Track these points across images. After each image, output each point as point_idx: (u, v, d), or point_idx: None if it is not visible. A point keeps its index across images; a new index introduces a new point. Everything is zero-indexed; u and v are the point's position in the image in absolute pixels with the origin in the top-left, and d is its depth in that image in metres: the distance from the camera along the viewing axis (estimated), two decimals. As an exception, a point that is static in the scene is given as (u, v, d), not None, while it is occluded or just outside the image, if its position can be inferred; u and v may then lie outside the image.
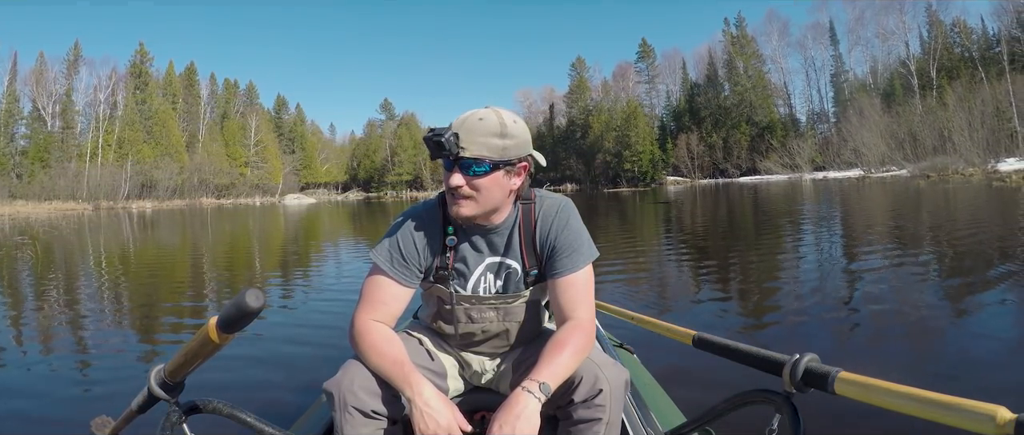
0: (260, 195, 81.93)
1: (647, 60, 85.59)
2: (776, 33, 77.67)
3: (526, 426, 1.26)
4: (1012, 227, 11.04)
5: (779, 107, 75.74)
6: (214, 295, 7.99)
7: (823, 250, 9.99)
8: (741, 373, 1.53)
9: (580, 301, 1.54)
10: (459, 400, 1.74)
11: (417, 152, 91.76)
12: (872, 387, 1.11)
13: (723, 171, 71.97)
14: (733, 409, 1.40)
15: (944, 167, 40.81)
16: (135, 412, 1.48)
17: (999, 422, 0.91)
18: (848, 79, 72.06)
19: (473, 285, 1.62)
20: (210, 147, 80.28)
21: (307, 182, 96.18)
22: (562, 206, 1.62)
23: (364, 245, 14.75)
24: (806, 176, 58.19)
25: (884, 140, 53.00)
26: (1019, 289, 5.92)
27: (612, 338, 2.74)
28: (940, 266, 7.48)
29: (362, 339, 1.48)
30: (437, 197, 1.64)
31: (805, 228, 14.19)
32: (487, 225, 1.58)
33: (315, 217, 33.04)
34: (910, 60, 64.64)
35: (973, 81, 52.91)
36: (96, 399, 3.79)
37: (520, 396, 1.30)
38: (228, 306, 1.12)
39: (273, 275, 10.27)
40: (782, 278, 7.59)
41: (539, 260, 1.60)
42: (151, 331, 5.95)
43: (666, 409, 1.97)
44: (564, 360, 1.39)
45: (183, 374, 1.31)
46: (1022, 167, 34.95)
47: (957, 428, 0.98)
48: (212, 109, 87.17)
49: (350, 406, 1.39)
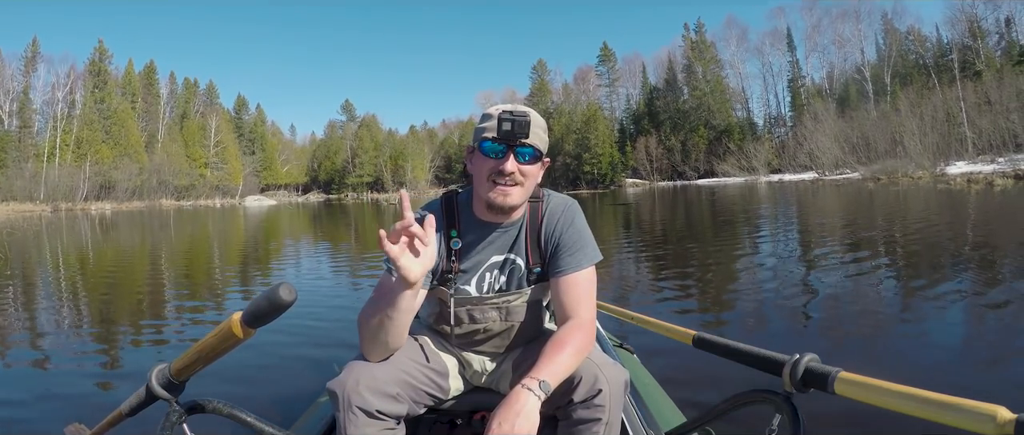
0: (220, 197, 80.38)
1: (608, 63, 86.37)
2: (735, 39, 79.00)
3: (525, 423, 1.25)
4: (959, 227, 11.51)
5: (737, 111, 77.01)
6: (211, 300, 7.74)
7: (778, 250, 10.27)
8: (741, 373, 1.54)
9: (581, 301, 1.54)
10: (459, 400, 1.73)
11: (378, 154, 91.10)
12: (872, 387, 1.11)
13: (681, 173, 73.01)
14: (733, 409, 1.40)
15: (894, 170, 41.96)
16: (125, 414, 1.45)
17: (999, 422, 0.91)
18: (805, 84, 73.53)
19: (476, 283, 1.62)
20: (169, 147, 78.39)
21: (268, 183, 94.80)
22: (568, 205, 1.64)
23: (356, 246, 14.72)
24: (762, 179, 59.30)
25: (838, 144, 54.35)
26: (969, 284, 6.21)
27: (612, 338, 2.74)
28: (891, 265, 7.75)
29: (363, 314, 1.47)
30: (440, 200, 1.65)
31: (761, 229, 14.56)
32: (500, 223, 1.60)
33: (281, 219, 32.53)
34: (865, 67, 66.25)
35: (926, 87, 54.65)
36: (68, 404, 3.70)
37: (520, 394, 1.29)
38: (258, 300, 1.12)
39: (271, 275, 10.15)
40: (738, 277, 7.84)
41: (543, 258, 1.61)
42: (135, 332, 5.85)
43: (666, 409, 1.97)
44: (564, 359, 1.38)
45: (192, 372, 1.30)
46: (968, 171, 36.18)
47: (957, 428, 0.98)
48: (172, 109, 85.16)
49: (354, 406, 1.38)
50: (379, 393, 1.41)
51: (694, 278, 7.89)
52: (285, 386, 3.84)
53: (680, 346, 1.93)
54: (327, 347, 4.62)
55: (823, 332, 5.02)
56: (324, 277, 9.52)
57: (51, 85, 72.32)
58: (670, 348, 3.59)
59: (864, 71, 65.96)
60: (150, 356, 4.92)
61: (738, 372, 1.55)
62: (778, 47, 76.75)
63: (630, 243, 12.82)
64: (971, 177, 30.18)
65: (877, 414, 1.25)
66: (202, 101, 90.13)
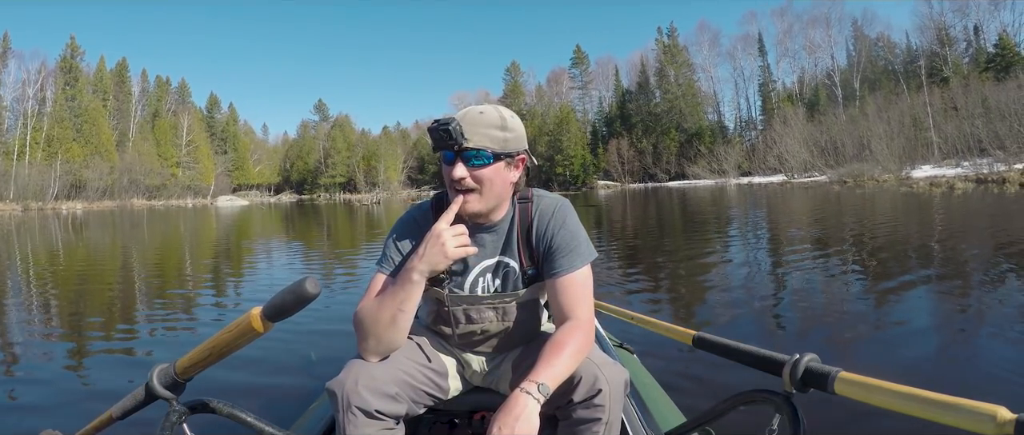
0: (192, 197, 79.10)
1: (581, 66, 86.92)
2: (707, 43, 79.96)
3: (525, 427, 1.23)
4: (922, 228, 11.78)
5: (709, 114, 77.97)
6: (204, 301, 7.54)
7: (749, 250, 10.41)
8: (741, 373, 1.54)
9: (579, 301, 1.53)
10: (459, 400, 1.72)
11: (351, 154, 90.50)
12: (872, 387, 1.11)
13: (652, 176, 73.70)
14: (733, 409, 1.40)
15: (860, 173, 42.83)
16: (116, 417, 1.43)
17: (999, 422, 0.92)
18: (775, 89, 74.73)
19: (470, 285, 1.61)
20: (141, 146, 77.00)
21: (239, 183, 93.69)
22: (560, 206, 1.62)
23: (353, 246, 14.68)
24: (732, 181, 60.03)
25: (806, 147, 55.34)
26: (928, 282, 6.43)
27: (612, 338, 2.73)
28: (857, 263, 7.87)
29: (360, 308, 1.48)
30: (431, 200, 1.65)
31: (730, 229, 14.78)
32: (486, 223, 1.58)
33: (256, 219, 32.04)
34: (835, 72, 67.40)
35: (894, 93, 55.86)
36: (38, 411, 3.59)
37: (519, 397, 1.28)
38: (283, 293, 1.15)
39: (268, 275, 10.06)
40: (708, 274, 8.02)
41: (536, 259, 1.60)
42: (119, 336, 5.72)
43: (666, 409, 1.97)
44: (563, 360, 1.37)
45: (200, 370, 1.31)
46: (932, 174, 37.06)
47: (957, 428, 0.98)
48: (143, 107, 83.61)
49: (354, 406, 1.38)
50: (378, 393, 1.40)
51: (664, 272, 8.09)
52: (285, 386, 3.81)
53: (680, 346, 1.95)
54: (331, 347, 4.61)
55: (794, 326, 5.14)
56: (322, 276, 9.38)
57: (21, 82, 70.57)
58: (670, 348, 3.64)
59: (834, 76, 67.13)
60: (126, 358, 4.83)
61: (738, 372, 1.55)
62: (749, 52, 78.01)
63: (599, 240, 12.88)
64: (934, 181, 30.86)
65: (877, 414, 1.25)
66: (174, 99, 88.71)
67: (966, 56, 60.27)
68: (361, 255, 12.37)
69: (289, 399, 3.47)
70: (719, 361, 1.61)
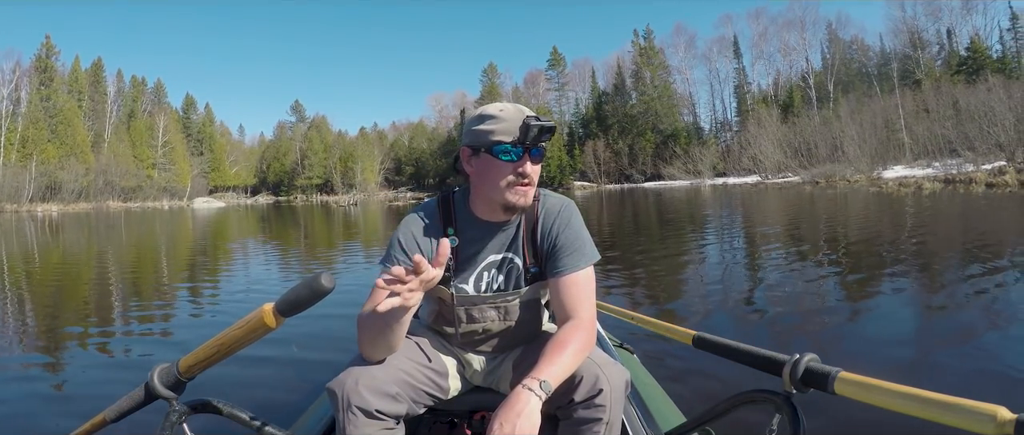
0: (168, 198, 77.90)
1: (558, 68, 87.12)
2: (683, 45, 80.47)
3: (527, 424, 1.23)
4: (892, 226, 12.05)
5: (684, 116, 78.35)
6: (197, 304, 7.45)
7: (724, 248, 10.58)
8: (741, 373, 1.55)
9: (581, 301, 1.53)
10: (460, 400, 1.72)
11: (327, 155, 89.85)
12: (872, 387, 1.11)
13: (628, 176, 74.07)
14: (733, 409, 1.40)
15: (832, 174, 43.51)
16: (111, 419, 1.42)
17: (999, 422, 0.92)
18: (750, 91, 75.47)
19: (474, 283, 1.62)
20: (116, 148, 75.78)
21: (216, 185, 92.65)
22: (565, 205, 1.63)
23: (349, 246, 14.65)
24: (706, 182, 60.41)
25: (781, 149, 56.04)
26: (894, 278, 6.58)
27: (612, 338, 2.73)
28: (823, 259, 8.01)
29: (362, 314, 1.46)
30: (436, 199, 1.66)
31: (706, 229, 14.97)
32: (499, 221, 1.60)
33: (236, 221, 31.59)
34: (809, 74, 68.15)
35: (867, 95, 56.74)
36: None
37: (521, 394, 1.28)
38: (297, 288, 1.16)
39: (267, 275, 9.98)
40: (682, 271, 8.20)
41: (539, 258, 1.61)
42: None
43: (666, 409, 1.97)
44: (565, 359, 1.37)
45: (205, 368, 1.31)
46: (902, 175, 37.75)
47: (957, 428, 0.98)
48: (119, 107, 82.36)
49: (354, 406, 1.37)
50: (378, 393, 1.40)
51: (641, 269, 8.19)
52: (285, 386, 3.79)
53: (680, 346, 1.95)
54: (331, 347, 4.60)
55: (769, 322, 5.25)
56: (346, 277, 9.31)
57: (-5, 81, 69.01)
58: (670, 348, 3.68)
59: (808, 79, 67.89)
60: (107, 359, 4.77)
61: (738, 372, 1.56)
62: (725, 54, 78.65)
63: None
64: (903, 181, 31.39)
65: (877, 414, 1.25)
66: (150, 100, 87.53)
67: (939, 59, 61.29)
68: (354, 255, 12.39)
69: (289, 399, 3.46)
70: (719, 361, 1.61)
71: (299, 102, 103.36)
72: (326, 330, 5.06)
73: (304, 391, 3.49)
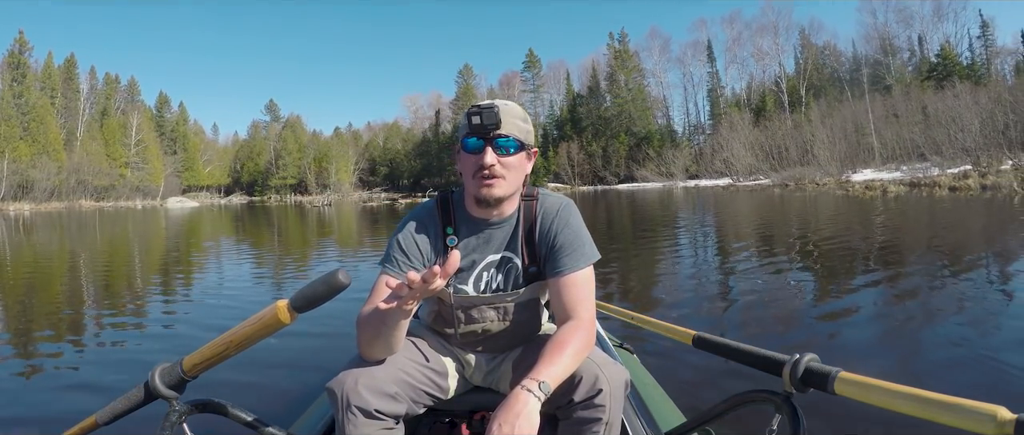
0: (141, 198, 76.29)
1: (533, 70, 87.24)
2: (657, 49, 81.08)
3: (526, 425, 1.22)
4: (866, 229, 12.33)
5: (658, 118, 78.89)
6: (189, 307, 7.23)
7: (697, 248, 10.65)
8: (741, 373, 1.58)
9: (581, 301, 1.53)
10: (459, 400, 1.72)
11: (302, 155, 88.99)
12: (872, 387, 1.12)
13: (602, 179, 74.37)
14: (733, 409, 1.41)
15: (802, 177, 44.21)
16: (102, 422, 1.40)
17: (999, 422, 0.91)
18: (723, 95, 76.23)
19: (473, 283, 1.61)
20: (89, 146, 73.92)
21: (189, 184, 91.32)
22: (564, 205, 1.63)
23: (345, 246, 14.66)
24: (678, 184, 60.91)
25: (752, 152, 56.76)
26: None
27: (612, 338, 2.71)
28: (783, 258, 8.20)
29: (362, 315, 1.46)
30: (435, 198, 1.65)
31: (678, 229, 15.09)
32: (492, 219, 1.59)
33: (212, 221, 30.98)
34: (782, 79, 68.92)
35: (838, 100, 57.52)
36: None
37: (520, 395, 1.26)
38: (314, 284, 1.17)
39: (266, 276, 9.87)
40: (656, 270, 8.34)
41: (538, 257, 1.61)
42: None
43: (666, 409, 1.96)
44: (564, 359, 1.36)
45: (211, 366, 1.30)
46: (868, 178, 38.47)
47: (957, 428, 0.99)
48: (92, 105, 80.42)
49: (353, 405, 1.37)
50: (378, 393, 1.39)
51: (614, 267, 8.27)
52: (285, 386, 3.77)
53: (680, 346, 1.94)
54: (331, 347, 4.58)
55: (739, 318, 5.33)
56: (314, 277, 9.20)
57: (-34, 77, 67.05)
58: (670, 348, 3.65)
59: (781, 83, 68.62)
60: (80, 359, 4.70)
61: (738, 372, 1.59)
62: (699, 58, 79.29)
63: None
64: (869, 184, 31.98)
65: (877, 414, 1.25)
66: (123, 98, 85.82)
67: (910, 65, 62.30)
68: (327, 255, 12.35)
69: (289, 399, 3.45)
70: (719, 361, 1.64)
71: (274, 101, 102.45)
72: (326, 330, 5.03)
73: (304, 391, 3.47)
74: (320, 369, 3.76)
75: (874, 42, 63.00)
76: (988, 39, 60.36)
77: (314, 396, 2.19)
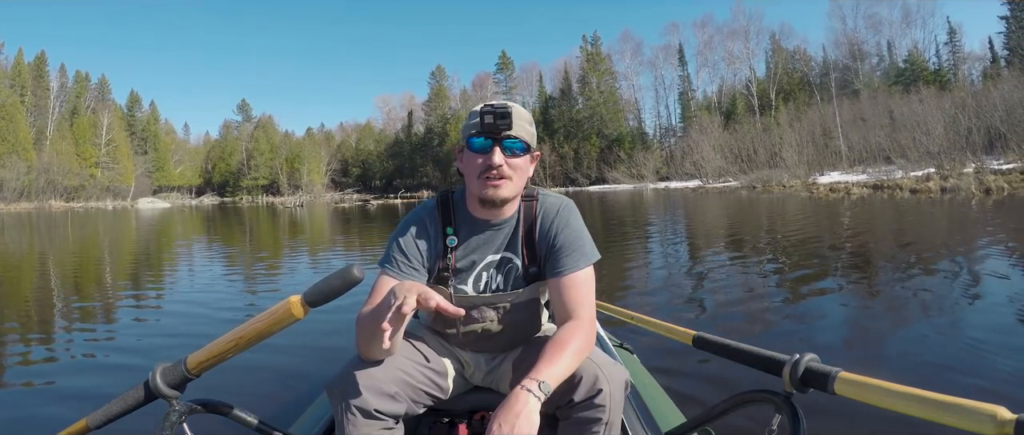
0: (111, 198, 74.49)
1: (506, 71, 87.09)
2: (629, 52, 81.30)
3: (526, 425, 1.22)
4: (833, 228, 12.62)
5: (629, 121, 79.20)
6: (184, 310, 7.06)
7: (667, 247, 10.77)
8: (741, 373, 1.56)
9: (581, 301, 1.53)
10: (459, 400, 1.72)
11: (274, 156, 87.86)
12: (872, 387, 1.12)
13: (573, 180, 74.52)
14: (733, 409, 1.41)
15: (769, 179, 44.76)
16: (94, 425, 1.38)
17: (999, 422, 0.92)
18: (694, 97, 76.72)
19: (473, 283, 1.61)
20: (59, 145, 72.20)
21: (160, 185, 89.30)
22: (563, 205, 1.63)
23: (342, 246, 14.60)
24: (649, 186, 61.15)
25: (722, 154, 57.38)
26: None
27: (612, 338, 2.71)
28: (750, 256, 8.36)
29: (361, 315, 1.46)
30: (435, 199, 1.65)
31: (649, 228, 15.35)
32: (493, 220, 1.59)
33: (185, 223, 30.44)
34: (753, 82, 69.57)
35: (807, 104, 58.27)
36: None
37: (520, 395, 1.26)
38: (329, 279, 1.20)
39: (265, 275, 9.83)
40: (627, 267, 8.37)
41: (538, 258, 1.61)
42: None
43: (666, 409, 1.97)
44: (564, 359, 1.36)
45: (216, 364, 1.31)
46: (834, 180, 39.14)
47: (957, 428, 0.99)
48: (62, 103, 78.67)
49: (352, 405, 1.38)
50: (377, 393, 1.40)
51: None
52: (285, 386, 3.75)
53: (680, 346, 1.93)
54: (331, 347, 4.55)
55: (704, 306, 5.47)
56: (314, 276, 9.09)
57: (-65, 75, 65.27)
58: (670, 348, 3.58)
59: (751, 87, 69.28)
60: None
61: (738, 372, 1.57)
62: (670, 61, 79.45)
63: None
64: (833, 187, 32.48)
65: (877, 414, 1.26)
66: (94, 96, 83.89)
67: (878, 70, 63.12)
68: (299, 257, 12.28)
69: (289, 399, 3.43)
70: (719, 361, 1.62)
71: (246, 101, 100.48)
72: (326, 330, 5.01)
73: (304, 391, 3.47)
74: (320, 369, 3.81)
75: (843, 47, 63.82)
76: (956, 45, 61.48)
77: (314, 396, 2.19)
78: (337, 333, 4.87)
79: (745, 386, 1.39)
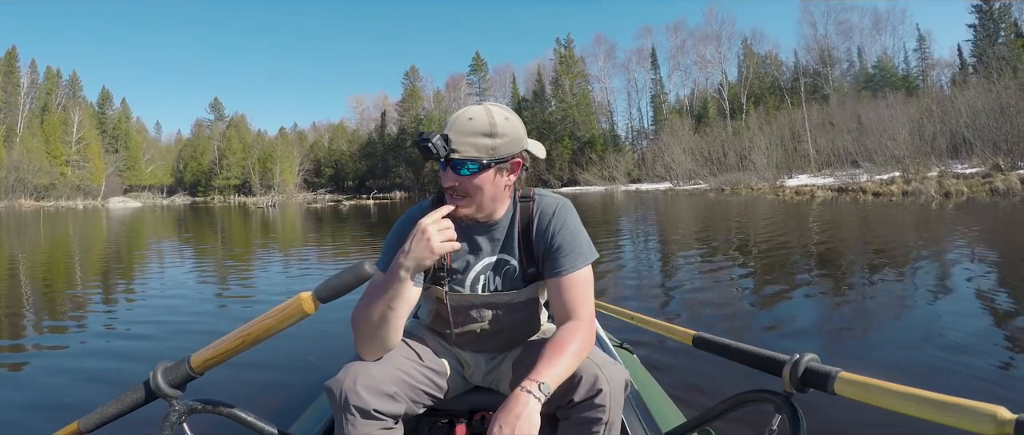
0: (82, 197, 73.13)
1: (479, 73, 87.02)
2: (603, 55, 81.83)
3: (526, 426, 1.21)
4: (801, 230, 12.88)
5: (602, 123, 79.57)
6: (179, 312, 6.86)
7: (636, 245, 10.92)
8: (741, 373, 1.56)
9: (580, 301, 1.52)
10: (459, 400, 1.71)
11: (246, 155, 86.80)
12: (872, 387, 1.13)
13: (545, 182, 74.54)
14: (733, 409, 1.41)
15: (738, 182, 45.37)
16: (86, 429, 1.37)
17: (999, 422, 0.93)
18: (666, 101, 77.30)
19: (471, 284, 1.60)
20: (29, 143, 70.57)
21: (131, 184, 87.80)
22: (560, 205, 1.62)
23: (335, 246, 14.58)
24: (619, 188, 61.60)
25: (692, 157, 58.01)
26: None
27: (612, 338, 2.69)
28: (720, 254, 8.51)
29: (355, 313, 1.45)
30: (431, 198, 1.64)
31: (619, 228, 15.43)
32: (486, 222, 1.58)
33: (158, 222, 29.83)
34: (724, 86, 70.31)
35: (777, 108, 58.98)
36: None
37: (520, 396, 1.26)
38: (341, 275, 1.21)
39: (265, 274, 9.70)
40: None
41: (536, 258, 1.60)
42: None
43: (666, 409, 1.96)
44: (564, 360, 1.36)
45: (222, 360, 1.32)
46: (800, 183, 39.74)
47: (957, 428, 1.00)
48: (32, 100, 76.85)
49: (351, 405, 1.37)
50: (376, 392, 1.39)
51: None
52: (284, 386, 3.71)
53: (680, 346, 1.94)
54: (331, 347, 4.51)
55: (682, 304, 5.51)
56: (311, 276, 9.11)
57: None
58: (670, 348, 3.69)
59: (723, 91, 70.00)
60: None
61: (738, 372, 1.57)
62: (643, 65, 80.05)
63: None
64: (799, 189, 33.00)
65: (877, 414, 1.26)
66: (64, 93, 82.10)
67: (848, 76, 64.14)
68: (272, 258, 12.11)
69: (289, 399, 3.41)
70: (719, 361, 1.62)
71: (218, 100, 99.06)
72: (326, 330, 4.96)
73: (304, 391, 3.44)
74: (319, 369, 3.77)
75: (814, 52, 64.69)
76: (925, 52, 62.91)
77: (313, 396, 2.18)
78: (337, 333, 4.79)
79: (745, 386, 1.40)
